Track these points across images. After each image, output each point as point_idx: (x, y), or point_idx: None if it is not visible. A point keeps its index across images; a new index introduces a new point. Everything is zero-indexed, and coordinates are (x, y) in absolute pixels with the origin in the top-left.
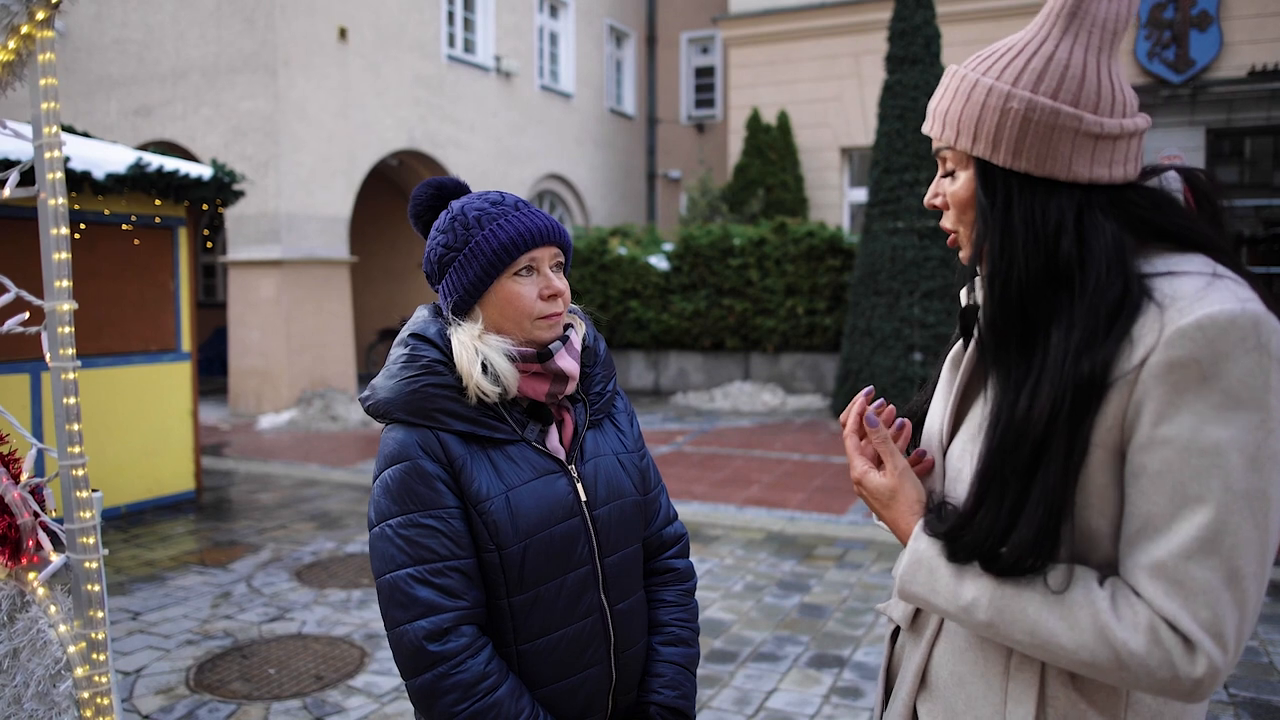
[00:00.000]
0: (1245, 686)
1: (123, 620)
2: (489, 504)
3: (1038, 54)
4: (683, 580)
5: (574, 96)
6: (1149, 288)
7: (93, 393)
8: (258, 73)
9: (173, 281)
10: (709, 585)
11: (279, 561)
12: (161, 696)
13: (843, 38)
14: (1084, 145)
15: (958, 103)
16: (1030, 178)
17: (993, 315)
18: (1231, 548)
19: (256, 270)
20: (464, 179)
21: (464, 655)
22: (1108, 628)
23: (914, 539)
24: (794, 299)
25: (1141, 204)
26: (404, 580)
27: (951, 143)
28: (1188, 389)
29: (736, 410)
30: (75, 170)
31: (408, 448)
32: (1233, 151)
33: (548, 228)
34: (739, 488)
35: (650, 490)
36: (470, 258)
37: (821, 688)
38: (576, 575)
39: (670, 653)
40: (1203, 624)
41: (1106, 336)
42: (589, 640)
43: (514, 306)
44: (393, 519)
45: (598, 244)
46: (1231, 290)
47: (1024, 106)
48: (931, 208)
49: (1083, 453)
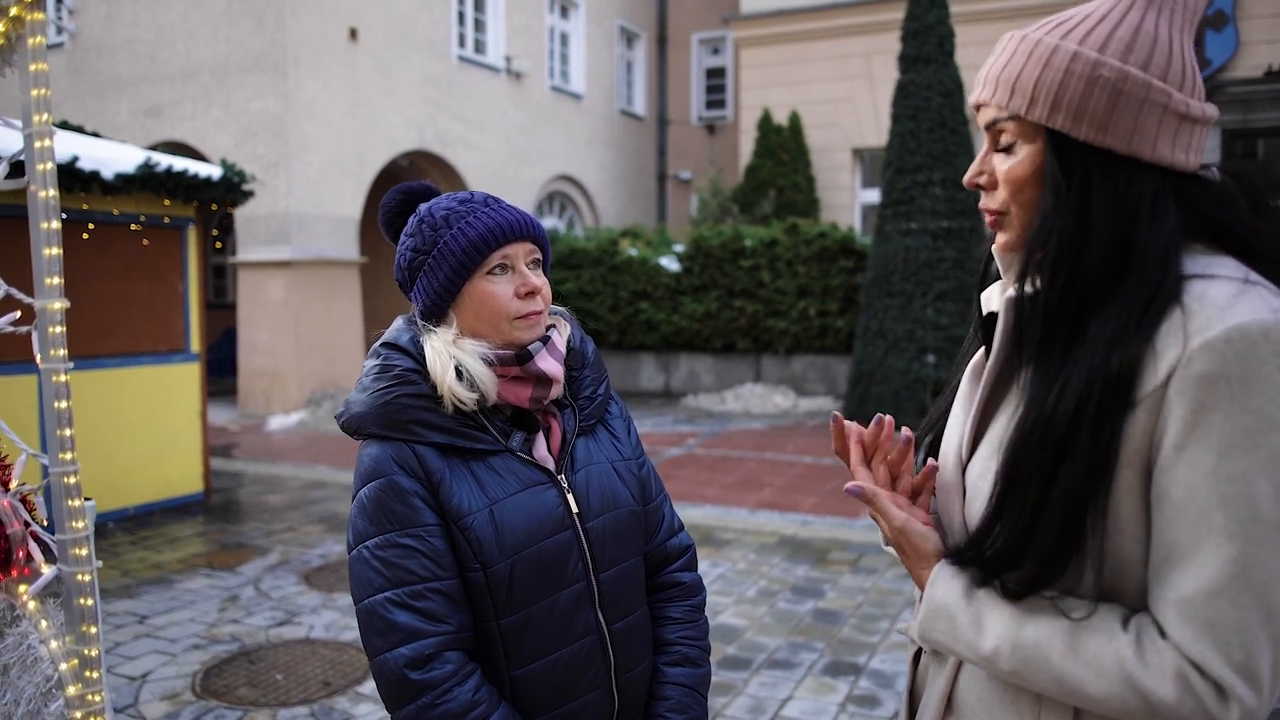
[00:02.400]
0: None
1: (129, 624)
2: (471, 519)
3: (1123, 22)
4: (690, 595)
5: (584, 97)
6: (1181, 290)
7: (101, 394)
8: (268, 73)
9: (182, 282)
10: (721, 590)
11: (287, 564)
12: (167, 703)
13: (855, 38)
14: (1169, 124)
15: (1032, 67)
16: (1113, 156)
17: (1049, 306)
18: (1263, 583)
19: (266, 271)
20: (474, 180)
21: (450, 683)
22: (1135, 676)
23: (930, 585)
24: (806, 300)
25: (1205, 198)
26: (382, 605)
27: (1020, 111)
28: (1214, 408)
29: (748, 412)
30: (84, 170)
31: (382, 464)
32: (1248, 152)
33: (520, 222)
34: (751, 491)
35: (651, 500)
36: (440, 259)
37: (838, 696)
38: (569, 593)
39: (677, 674)
40: (1236, 666)
41: (1136, 332)
42: (587, 663)
43: (489, 307)
44: (369, 540)
45: (608, 245)
46: (1264, 299)
47: (1115, 75)
48: (973, 187)
49: (1107, 455)
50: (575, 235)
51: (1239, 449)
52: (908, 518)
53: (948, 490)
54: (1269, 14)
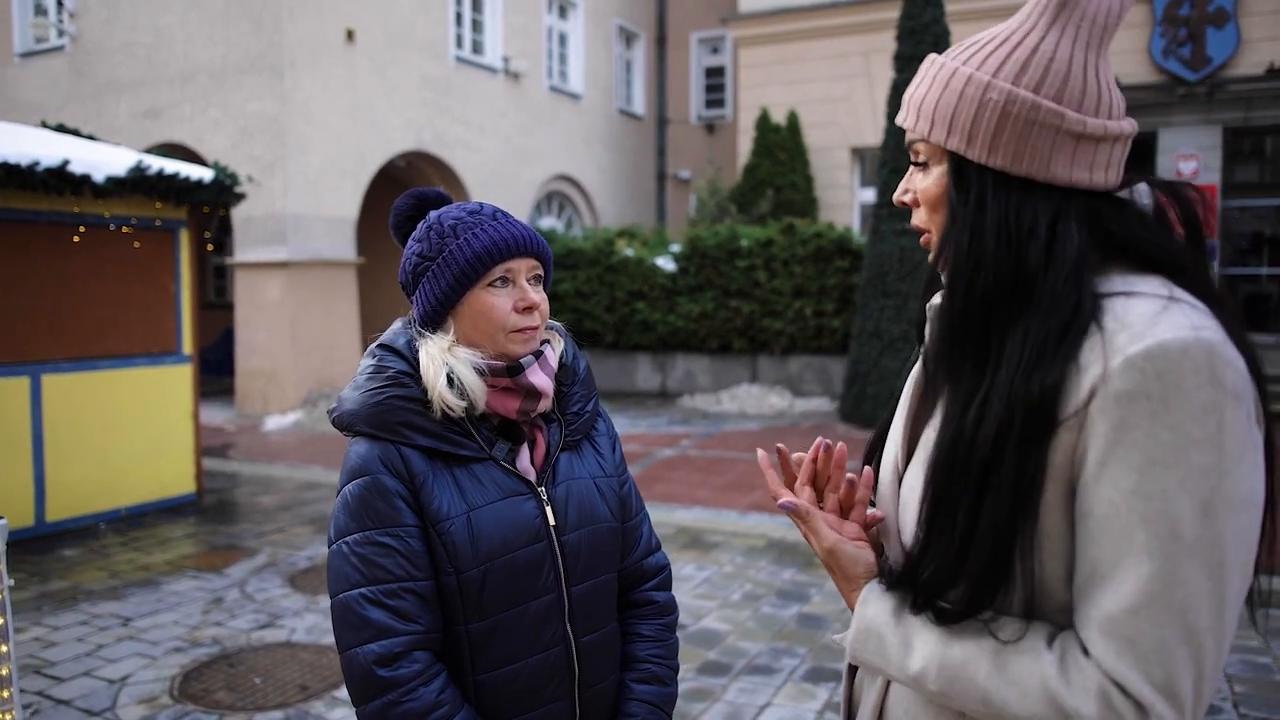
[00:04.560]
0: (1256, 706)
1: (113, 626)
2: (448, 524)
3: (1022, 45)
4: (663, 614)
5: (583, 97)
6: (1101, 309)
7: (94, 395)
8: (264, 74)
9: (174, 284)
10: (706, 594)
11: (274, 566)
12: (144, 706)
13: (852, 37)
14: (1064, 145)
15: (934, 92)
16: (1006, 176)
17: (951, 321)
18: (1183, 601)
19: (263, 272)
20: (472, 180)
21: (415, 682)
22: (1058, 695)
23: (861, 604)
24: (802, 300)
25: (1113, 217)
26: (356, 601)
27: (925, 134)
28: (1136, 425)
29: (743, 413)
30: (75, 173)
31: (369, 462)
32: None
33: (525, 238)
34: (742, 493)
35: (630, 518)
36: (444, 267)
37: (816, 703)
38: (540, 604)
39: (644, 691)
40: (1156, 685)
41: (1055, 355)
42: (552, 673)
43: (487, 318)
44: (350, 536)
45: (605, 245)
46: (1186, 316)
47: (1003, 98)
48: (901, 205)
49: (1032, 482)
50: (572, 235)
51: (1160, 466)
52: (839, 538)
53: (886, 501)
54: (1270, 11)
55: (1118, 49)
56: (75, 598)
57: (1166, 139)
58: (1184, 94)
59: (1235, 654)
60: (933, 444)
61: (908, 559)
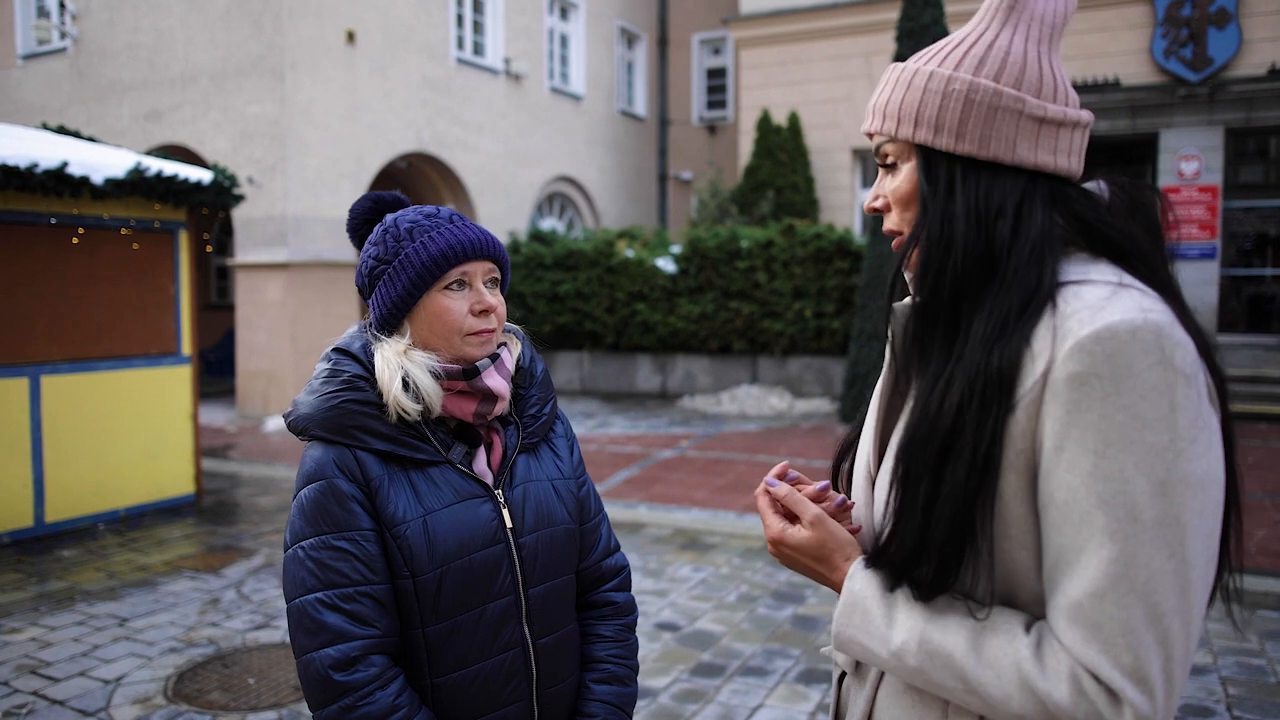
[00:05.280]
0: (1250, 708)
1: (109, 627)
2: (404, 528)
3: (979, 42)
4: (622, 615)
5: (584, 98)
6: (1056, 293)
7: (93, 396)
8: (265, 76)
9: (173, 285)
10: (702, 595)
11: (271, 567)
12: (138, 706)
13: (853, 38)
14: (1028, 128)
15: (898, 92)
16: (974, 162)
17: (923, 304)
18: (1146, 583)
19: (263, 273)
20: (473, 181)
21: (372, 686)
22: (1031, 678)
23: (849, 579)
24: (802, 302)
25: (1079, 200)
26: (312, 605)
27: (892, 133)
28: (1089, 408)
29: (743, 414)
30: (74, 175)
31: (324, 466)
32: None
33: (481, 241)
34: (740, 494)
35: (588, 520)
36: (399, 270)
37: (809, 705)
38: (497, 606)
39: (603, 691)
40: (1124, 670)
41: (1015, 329)
42: (509, 675)
43: (443, 321)
44: (305, 540)
45: (605, 246)
46: (1135, 299)
47: (965, 87)
48: (872, 212)
49: (989, 451)
50: (572, 237)
51: (1115, 447)
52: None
53: (860, 506)
54: (1272, 11)
55: (1119, 50)
56: (73, 598)
57: (1168, 140)
58: (1185, 95)
59: (1230, 656)
60: (902, 430)
61: (878, 538)
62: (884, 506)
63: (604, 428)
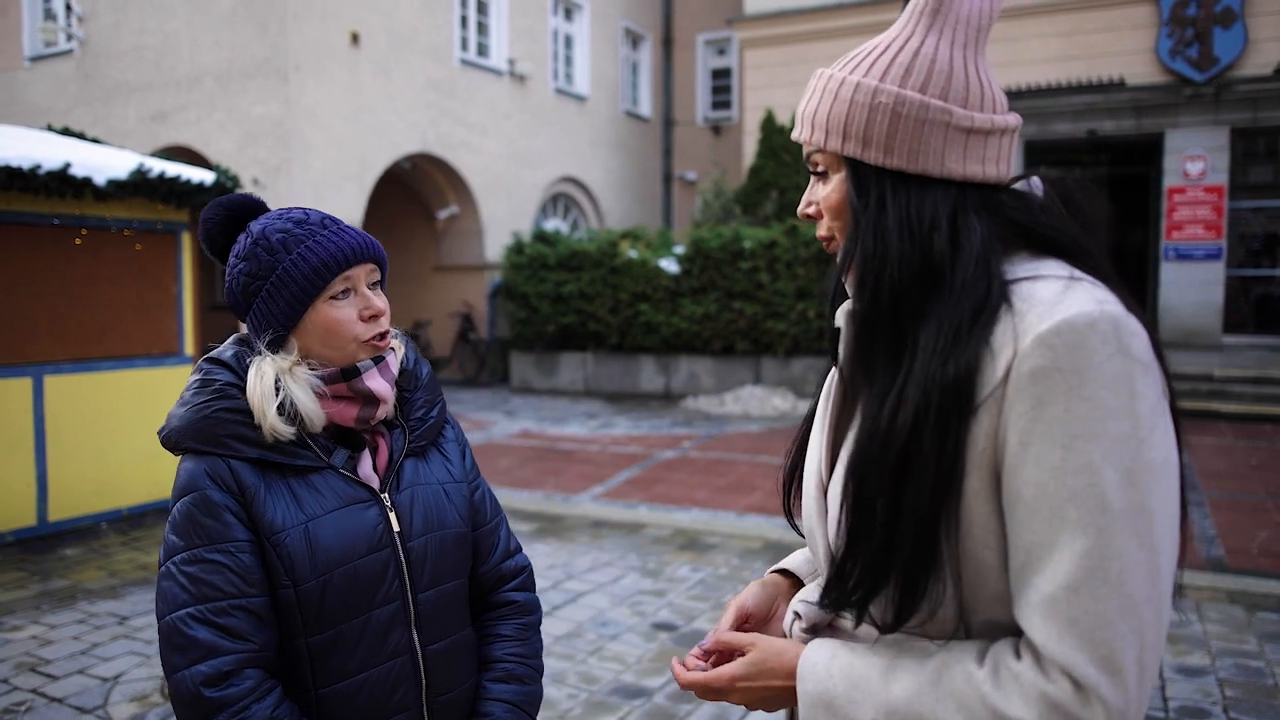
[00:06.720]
0: (1247, 710)
1: (109, 625)
2: (283, 535)
3: (904, 49)
4: (524, 613)
5: (589, 99)
6: (1009, 293)
7: (95, 396)
8: (269, 78)
9: (176, 286)
10: (700, 595)
11: None
12: (135, 704)
13: (857, 38)
14: (956, 140)
15: (825, 103)
16: (903, 175)
17: (864, 321)
18: (1120, 574)
19: None
20: (477, 182)
21: (248, 700)
22: (998, 709)
23: (800, 682)
24: (805, 302)
25: (1013, 205)
26: (183, 620)
27: (821, 144)
28: (1053, 401)
29: (746, 415)
30: (77, 176)
31: (196, 478)
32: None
33: (362, 244)
34: (741, 494)
35: (484, 524)
36: (280, 286)
37: None
38: (384, 612)
39: (501, 690)
40: (1100, 663)
41: (969, 337)
42: (397, 683)
43: (335, 333)
44: (177, 555)
45: (608, 247)
46: (1089, 292)
47: (892, 100)
48: (805, 219)
49: (953, 464)
50: (576, 237)
51: (1081, 439)
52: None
53: (812, 515)
54: (1278, 10)
55: (1124, 50)
56: (74, 596)
57: (1174, 140)
58: (1191, 95)
59: (1227, 657)
60: (852, 444)
61: (832, 562)
62: (837, 519)
63: (607, 428)
